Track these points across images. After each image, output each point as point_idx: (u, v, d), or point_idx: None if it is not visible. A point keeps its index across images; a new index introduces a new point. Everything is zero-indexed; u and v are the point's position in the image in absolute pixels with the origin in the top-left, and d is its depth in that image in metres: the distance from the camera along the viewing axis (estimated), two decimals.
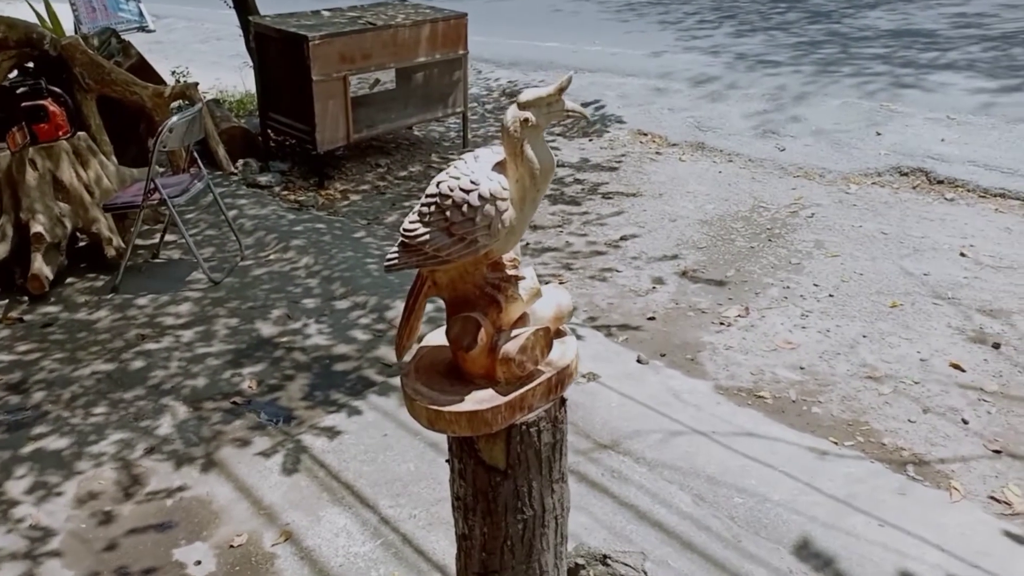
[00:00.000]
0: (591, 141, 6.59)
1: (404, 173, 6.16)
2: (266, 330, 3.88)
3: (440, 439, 1.96)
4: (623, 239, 4.76)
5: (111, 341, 3.83)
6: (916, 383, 3.27)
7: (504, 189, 1.38)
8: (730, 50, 8.37)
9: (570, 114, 1.43)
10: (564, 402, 1.61)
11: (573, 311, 1.70)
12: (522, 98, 1.38)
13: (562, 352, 1.59)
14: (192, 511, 2.74)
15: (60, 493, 2.84)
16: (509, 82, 8.19)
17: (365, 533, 2.60)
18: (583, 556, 2.40)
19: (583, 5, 11.51)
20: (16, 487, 2.87)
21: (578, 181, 5.73)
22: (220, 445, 3.07)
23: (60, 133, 4.50)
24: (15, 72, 5.45)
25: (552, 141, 6.49)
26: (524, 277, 1.52)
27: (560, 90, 1.38)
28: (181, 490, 2.83)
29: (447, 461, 1.69)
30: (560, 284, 4.23)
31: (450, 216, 1.38)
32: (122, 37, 6.20)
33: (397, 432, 3.07)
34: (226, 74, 8.83)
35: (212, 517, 2.71)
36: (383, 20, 5.92)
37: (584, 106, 7.20)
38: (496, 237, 1.38)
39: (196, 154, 4.72)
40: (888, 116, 6.10)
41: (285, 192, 5.76)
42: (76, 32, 6.86)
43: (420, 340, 1.68)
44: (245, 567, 2.50)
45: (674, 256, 4.51)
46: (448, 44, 6.19)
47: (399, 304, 3.94)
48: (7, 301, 4.23)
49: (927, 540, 2.43)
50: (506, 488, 1.57)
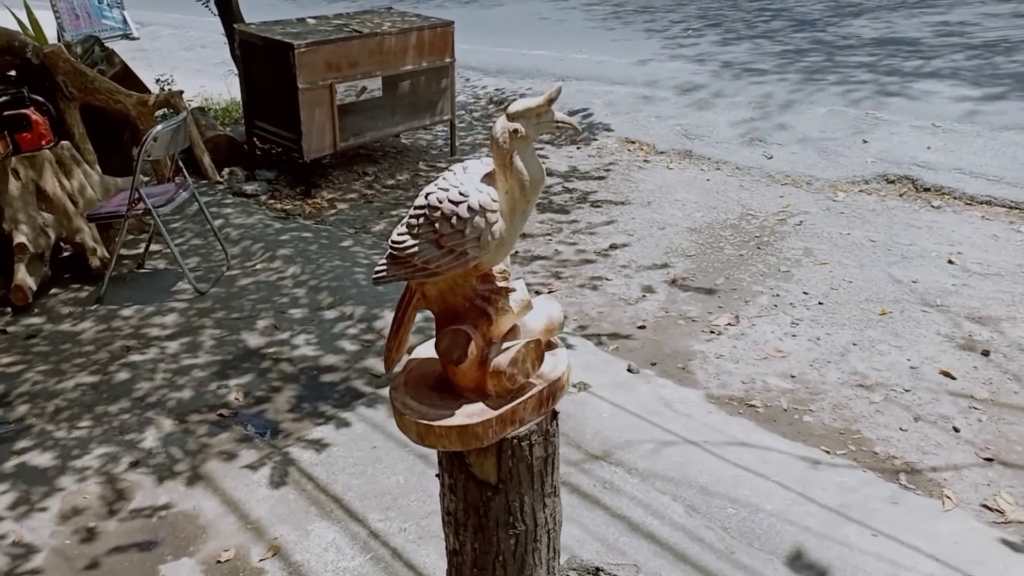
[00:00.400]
0: (579, 149, 6.59)
1: (392, 181, 6.13)
2: (253, 341, 3.84)
3: (430, 451, 1.93)
4: (612, 247, 4.75)
5: (95, 353, 3.78)
6: (907, 391, 3.27)
7: (494, 201, 1.36)
8: (716, 58, 8.41)
9: (560, 125, 1.42)
10: (556, 415, 1.60)
11: (564, 323, 1.68)
12: (511, 109, 1.36)
13: (553, 364, 1.58)
14: (178, 526, 2.70)
15: (44, 509, 2.79)
16: (496, 90, 8.19)
17: (354, 547, 2.57)
18: (576, 569, 2.37)
19: (569, 13, 11.54)
20: None
21: (567, 190, 5.72)
22: (206, 458, 3.03)
23: (43, 142, 4.46)
24: None
25: (540, 149, 6.49)
26: (515, 289, 1.50)
27: (549, 101, 1.37)
28: (167, 506, 2.79)
29: (437, 475, 1.67)
30: (550, 293, 4.21)
31: (439, 228, 1.36)
32: (106, 45, 6.14)
33: (386, 444, 3.04)
34: (211, 82, 8.78)
35: (199, 532, 2.67)
36: (369, 28, 5.90)
37: (571, 114, 7.23)
38: (486, 249, 1.37)
39: (181, 163, 4.68)
40: (874, 124, 6.13)
41: (271, 201, 5.73)
42: (59, 40, 6.78)
43: (409, 352, 1.66)
44: None
45: (664, 264, 4.50)
46: (435, 52, 6.18)
47: (387, 314, 3.91)
48: None
49: (920, 549, 2.42)
50: (498, 503, 1.55)
